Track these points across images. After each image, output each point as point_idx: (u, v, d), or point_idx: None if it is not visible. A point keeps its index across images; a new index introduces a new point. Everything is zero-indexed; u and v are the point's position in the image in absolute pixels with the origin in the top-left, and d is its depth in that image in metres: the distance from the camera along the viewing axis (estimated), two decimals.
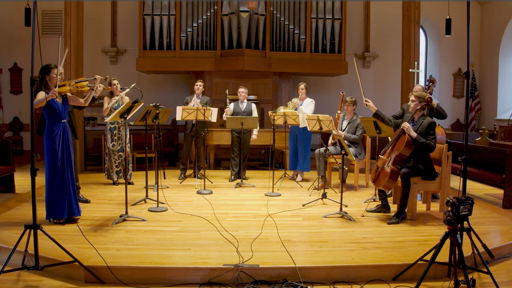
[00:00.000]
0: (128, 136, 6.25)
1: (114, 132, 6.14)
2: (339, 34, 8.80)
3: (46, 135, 4.24)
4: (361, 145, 6.20)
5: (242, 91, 6.82)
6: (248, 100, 7.14)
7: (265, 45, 8.51)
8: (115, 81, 6.27)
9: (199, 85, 6.84)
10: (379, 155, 4.72)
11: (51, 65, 4.27)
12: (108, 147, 6.20)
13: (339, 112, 6.24)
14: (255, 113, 6.84)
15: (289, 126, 6.75)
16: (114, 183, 6.36)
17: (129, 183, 6.35)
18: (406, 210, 4.57)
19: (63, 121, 4.29)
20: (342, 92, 6.23)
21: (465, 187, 3.27)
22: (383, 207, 4.87)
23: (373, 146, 5.80)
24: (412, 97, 4.63)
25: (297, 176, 6.94)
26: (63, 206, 4.26)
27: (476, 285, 3.14)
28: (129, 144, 6.32)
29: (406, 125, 4.42)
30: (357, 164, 6.10)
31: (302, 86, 6.72)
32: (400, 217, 4.52)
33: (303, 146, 6.75)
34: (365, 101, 4.91)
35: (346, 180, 6.64)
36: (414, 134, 4.39)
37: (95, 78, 4.64)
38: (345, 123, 6.23)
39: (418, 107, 4.53)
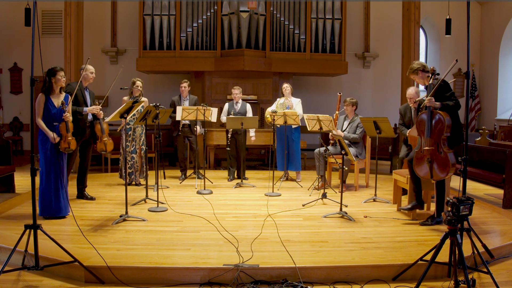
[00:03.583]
0: (143, 137, 6.24)
1: (129, 133, 6.10)
2: (339, 34, 8.80)
3: (40, 133, 4.39)
4: (362, 145, 6.21)
5: (236, 92, 6.80)
6: (248, 100, 7.14)
7: (265, 45, 8.51)
8: (139, 83, 6.17)
9: (184, 86, 6.76)
10: (424, 149, 4.18)
11: (57, 67, 4.42)
12: (122, 147, 6.19)
13: (337, 112, 6.24)
14: (249, 113, 6.83)
15: (279, 126, 6.68)
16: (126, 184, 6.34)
17: (137, 184, 6.36)
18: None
19: (55, 124, 4.39)
20: (339, 93, 6.23)
21: (465, 187, 3.27)
22: (418, 204, 4.62)
23: (373, 146, 5.79)
24: (411, 76, 4.44)
25: (296, 177, 6.95)
26: (47, 205, 4.43)
27: (476, 285, 3.14)
28: (143, 146, 6.26)
29: (431, 99, 4.02)
30: (357, 164, 6.10)
31: (286, 85, 6.74)
32: (435, 220, 4.39)
33: (296, 145, 6.76)
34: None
35: (346, 180, 6.65)
36: (438, 104, 4.05)
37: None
38: (346, 124, 6.24)
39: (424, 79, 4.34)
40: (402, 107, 5.84)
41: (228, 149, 6.59)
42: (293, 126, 6.61)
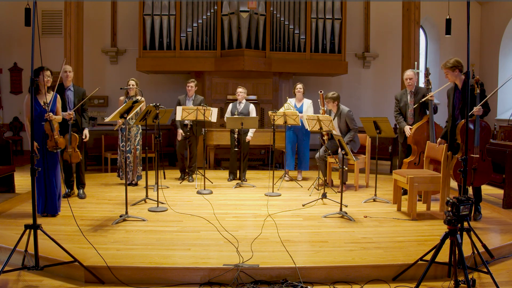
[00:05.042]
0: (138, 137, 6.24)
1: (124, 133, 6.11)
2: (339, 34, 8.80)
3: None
4: (357, 137, 6.18)
5: (240, 91, 6.77)
6: (248, 100, 7.13)
7: (265, 45, 8.51)
8: (132, 82, 6.15)
9: (191, 86, 6.75)
10: (470, 156, 4.39)
11: (43, 67, 4.41)
12: (119, 147, 6.19)
13: (323, 108, 6.22)
14: (253, 114, 6.81)
15: (290, 126, 6.71)
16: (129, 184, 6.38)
17: (134, 184, 6.36)
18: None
19: (42, 123, 4.47)
20: (321, 91, 6.20)
21: (465, 187, 3.27)
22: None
23: (373, 146, 5.80)
24: (445, 70, 4.55)
25: (297, 175, 6.96)
26: (39, 202, 4.52)
27: (476, 285, 3.14)
28: (138, 146, 6.25)
29: (480, 109, 4.27)
30: (357, 164, 6.10)
31: (300, 86, 6.74)
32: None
33: (305, 145, 6.79)
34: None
35: (348, 180, 6.65)
36: (481, 111, 4.32)
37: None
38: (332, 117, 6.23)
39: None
40: (399, 93, 5.92)
41: (236, 149, 6.55)
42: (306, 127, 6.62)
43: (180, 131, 6.70)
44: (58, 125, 4.61)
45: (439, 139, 5.03)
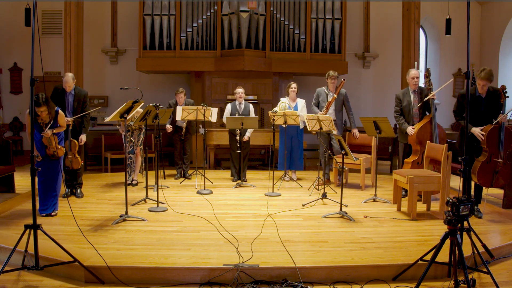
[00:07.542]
0: (141, 138, 6.27)
1: (128, 134, 6.13)
2: (339, 34, 8.80)
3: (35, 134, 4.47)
4: (341, 122, 6.47)
5: (240, 91, 6.75)
6: (248, 100, 7.12)
7: (265, 45, 8.51)
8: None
9: (181, 96, 6.78)
10: (496, 160, 4.65)
11: (37, 100, 4.20)
12: (124, 148, 6.23)
13: (335, 96, 6.19)
14: (252, 114, 6.81)
15: (284, 126, 6.67)
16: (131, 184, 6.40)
17: (134, 184, 6.38)
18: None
19: (42, 134, 4.48)
20: (344, 79, 6.17)
21: (465, 187, 3.27)
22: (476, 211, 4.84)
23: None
24: (484, 82, 4.70)
25: (291, 175, 6.95)
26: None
27: (476, 285, 3.14)
28: (141, 147, 6.28)
29: (505, 116, 4.56)
30: (364, 164, 6.07)
31: (294, 85, 6.73)
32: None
33: (299, 145, 6.79)
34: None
35: (350, 180, 6.65)
36: (505, 118, 4.56)
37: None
38: (330, 98, 6.25)
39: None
40: (401, 92, 5.82)
41: (238, 151, 6.52)
42: (301, 126, 6.63)
43: (168, 126, 6.77)
44: (56, 138, 4.58)
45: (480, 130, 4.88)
